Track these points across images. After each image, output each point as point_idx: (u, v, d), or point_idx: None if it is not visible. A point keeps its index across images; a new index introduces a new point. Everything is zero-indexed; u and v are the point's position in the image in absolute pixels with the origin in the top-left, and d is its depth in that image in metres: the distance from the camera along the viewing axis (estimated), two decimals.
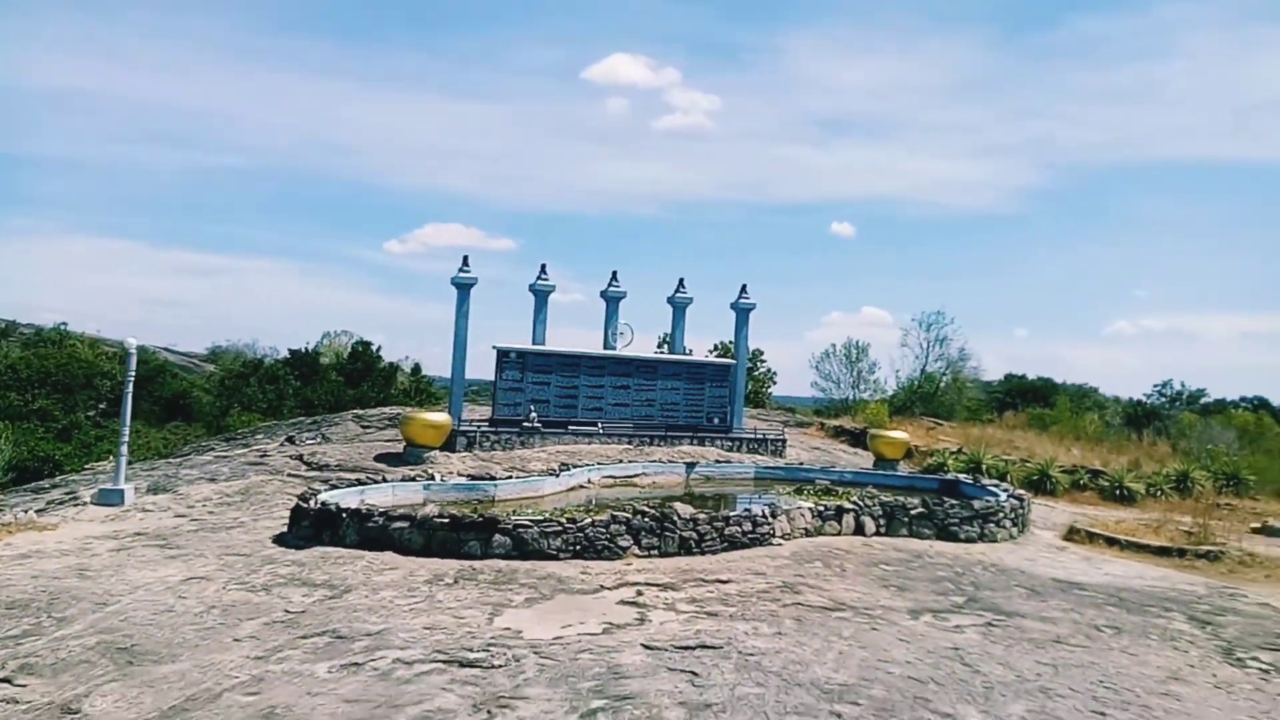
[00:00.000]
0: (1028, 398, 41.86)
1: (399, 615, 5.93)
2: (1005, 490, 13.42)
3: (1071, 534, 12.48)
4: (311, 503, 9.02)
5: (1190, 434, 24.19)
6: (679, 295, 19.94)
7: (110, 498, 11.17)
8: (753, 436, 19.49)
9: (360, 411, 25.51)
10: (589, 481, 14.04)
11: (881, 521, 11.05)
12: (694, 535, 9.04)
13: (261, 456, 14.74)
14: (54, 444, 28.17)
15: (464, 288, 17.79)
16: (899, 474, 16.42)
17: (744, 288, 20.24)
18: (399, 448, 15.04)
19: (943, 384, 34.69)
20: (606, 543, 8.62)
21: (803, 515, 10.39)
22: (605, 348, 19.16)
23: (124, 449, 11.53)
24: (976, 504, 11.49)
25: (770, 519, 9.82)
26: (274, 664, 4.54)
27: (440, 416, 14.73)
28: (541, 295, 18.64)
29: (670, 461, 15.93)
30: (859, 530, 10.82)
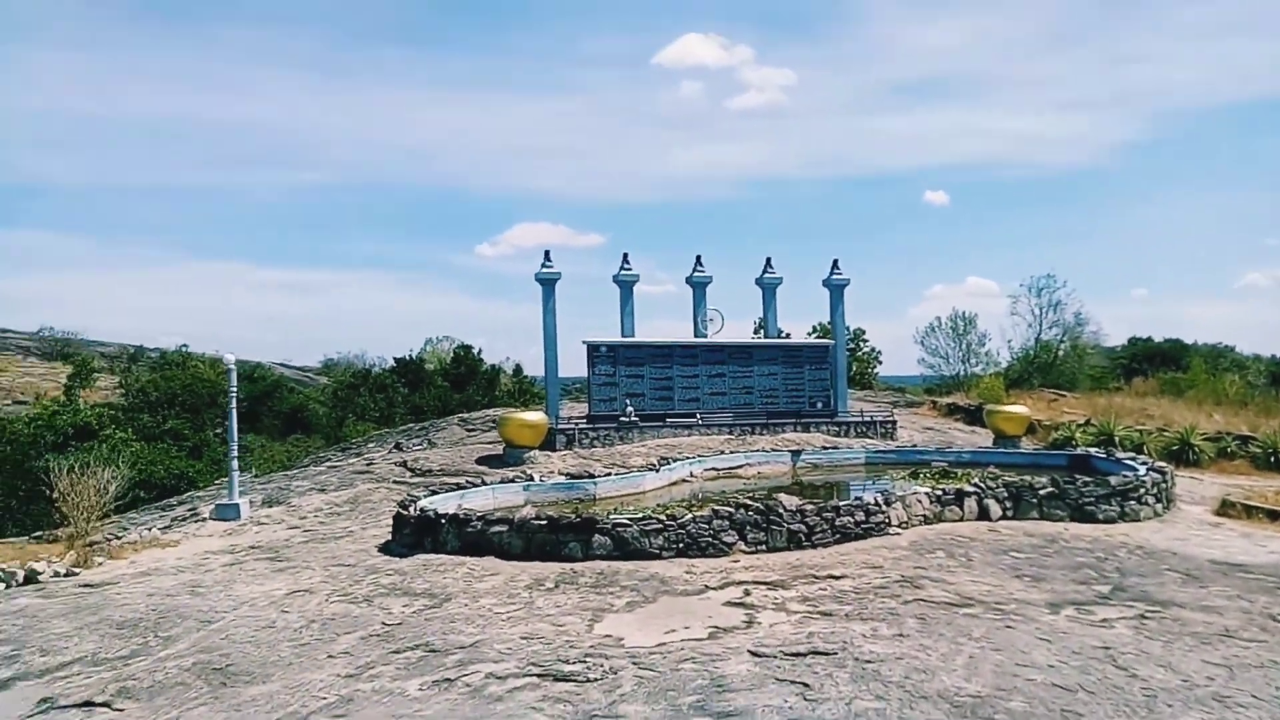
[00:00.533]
0: (1156, 362, 39.15)
1: (496, 625, 5.70)
2: (1144, 463, 12.35)
3: (1225, 508, 11.36)
4: (411, 510, 8.97)
5: None
6: (767, 275, 19.33)
7: (227, 513, 11.49)
8: (860, 419, 18.73)
9: (465, 415, 25.94)
10: (691, 475, 13.67)
11: (1008, 504, 10.28)
12: (802, 528, 8.56)
13: (368, 465, 14.99)
14: (187, 461, 29.69)
15: (548, 283, 17.69)
16: (1022, 451, 15.41)
17: (835, 263, 19.48)
18: (500, 450, 15.04)
19: (1061, 352, 32.76)
20: (710, 539, 8.23)
21: (919, 501, 9.74)
22: (696, 335, 18.75)
23: (234, 464, 11.83)
24: (1113, 480, 10.56)
25: (884, 507, 9.23)
26: (364, 682, 4.37)
27: (536, 416, 14.64)
28: (626, 286, 18.37)
29: (774, 450, 15.39)
30: (983, 515, 10.09)
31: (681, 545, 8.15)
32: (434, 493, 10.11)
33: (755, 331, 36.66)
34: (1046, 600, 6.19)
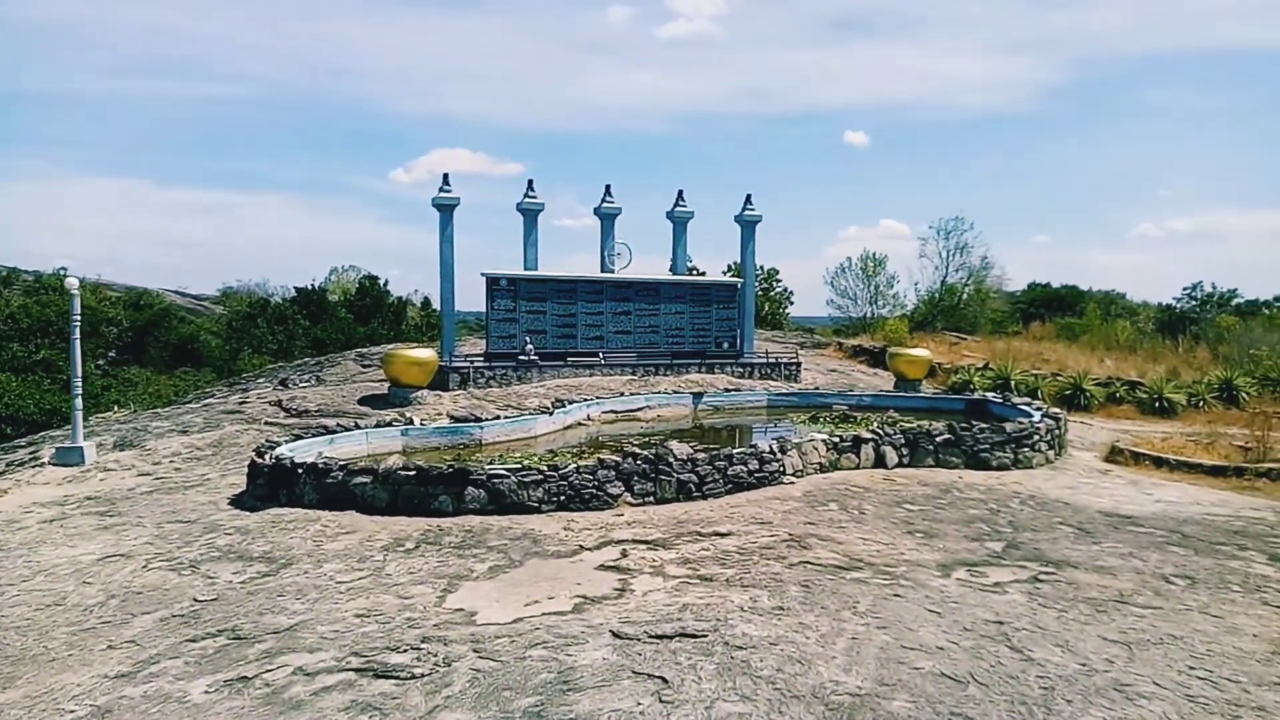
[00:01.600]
0: (1053, 307, 40.34)
1: (331, 598, 4.99)
2: (1038, 409, 12.33)
3: (1114, 455, 11.42)
4: (266, 458, 8.09)
5: (1230, 338, 22.82)
6: (679, 209, 18.62)
7: (69, 457, 10.34)
8: (765, 361, 18.42)
9: (364, 350, 24.70)
10: (588, 418, 13.07)
11: (904, 451, 10.03)
12: (693, 478, 8.06)
13: (241, 404, 13.88)
14: (61, 396, 27.63)
15: (446, 209, 16.60)
16: (922, 395, 15.34)
17: (749, 198, 18.89)
18: (386, 389, 14.11)
19: (965, 296, 33.27)
20: (594, 491, 7.65)
21: (816, 449, 9.36)
22: (603, 271, 17.99)
23: (78, 402, 10.64)
24: (1008, 427, 10.41)
25: (779, 455, 8.81)
26: (137, 684, 3.61)
27: (425, 353, 13.73)
28: (530, 215, 17.42)
29: (676, 392, 14.91)
30: (879, 462, 9.81)
31: (563, 498, 7.54)
32: (297, 437, 9.22)
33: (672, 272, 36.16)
34: (938, 561, 5.83)
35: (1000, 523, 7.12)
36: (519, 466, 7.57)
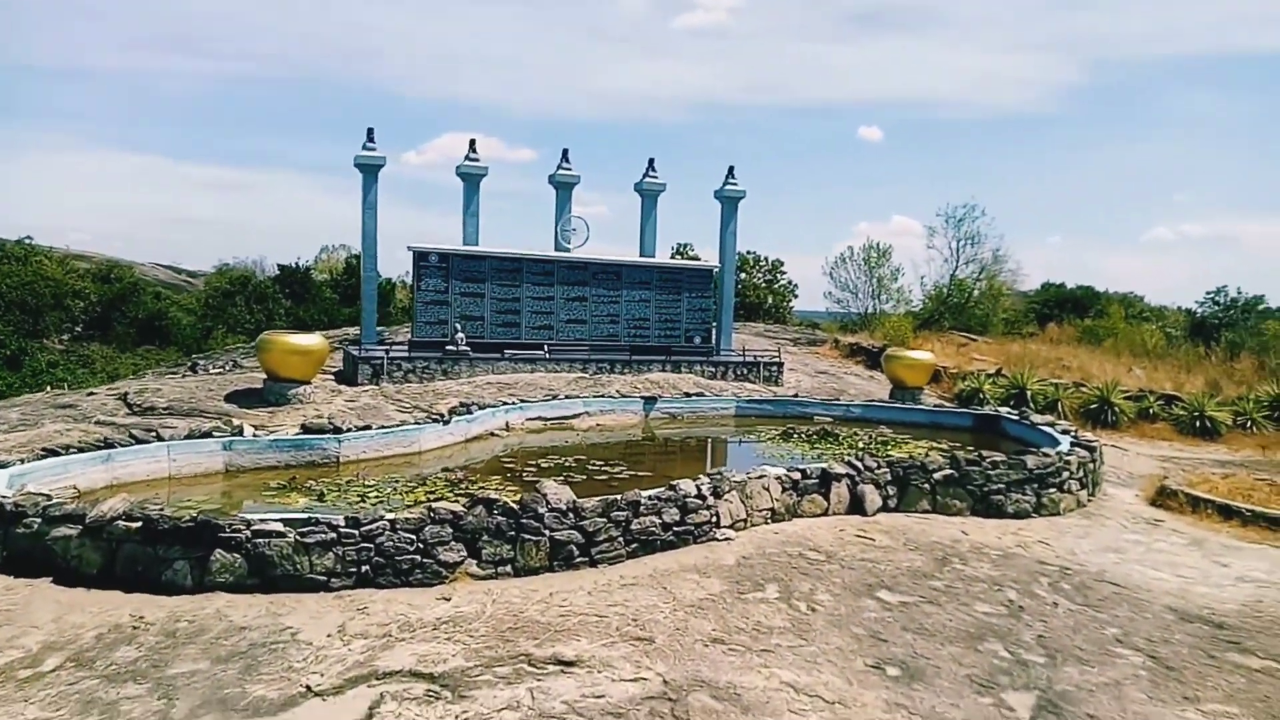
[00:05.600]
0: (1068, 308, 37.60)
1: None
2: (1065, 432, 9.77)
3: (1163, 497, 8.83)
4: None
5: (1276, 347, 20.15)
6: (649, 181, 16.02)
7: None
8: (742, 360, 15.85)
9: (324, 333, 22.31)
10: (505, 428, 10.55)
11: (890, 490, 7.50)
12: (576, 536, 5.54)
13: (88, 395, 11.38)
14: None
15: (369, 169, 14.12)
16: (920, 408, 12.78)
17: (731, 171, 16.27)
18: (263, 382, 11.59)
19: (976, 292, 30.55)
20: (418, 557, 5.14)
21: (766, 490, 6.82)
22: (556, 250, 15.44)
23: None
24: (1030, 461, 7.86)
25: (710, 499, 6.28)
26: None
27: (309, 340, 11.18)
28: (472, 180, 14.88)
29: (624, 396, 12.38)
30: (856, 506, 7.28)
31: (366, 568, 5.03)
32: (48, 454, 6.66)
33: (674, 255, 33.48)
34: None
35: (1025, 637, 4.57)
36: (303, 519, 5.05)
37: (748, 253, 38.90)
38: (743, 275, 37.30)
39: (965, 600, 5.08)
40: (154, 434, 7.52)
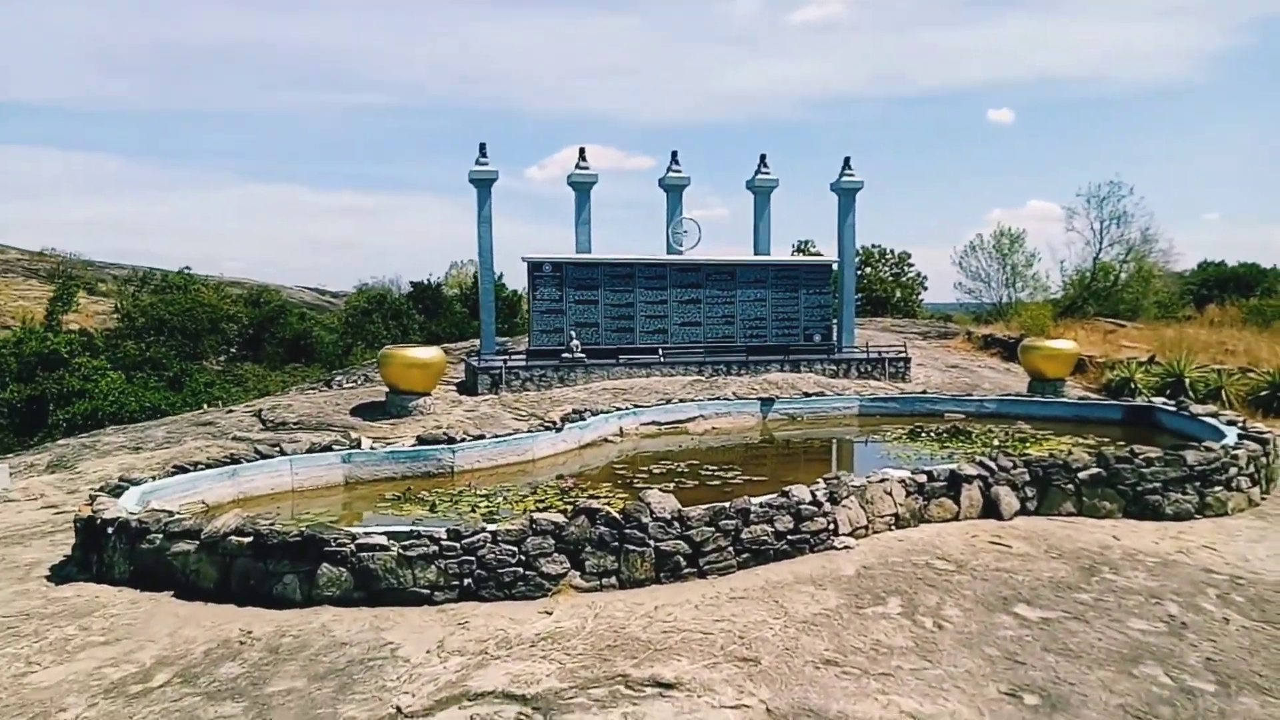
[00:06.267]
0: (1230, 288, 34.47)
1: None
2: (1234, 424, 8.79)
3: None
4: (98, 504, 5.87)
5: None
6: (760, 177, 15.64)
7: None
8: (865, 357, 15.22)
9: (449, 345, 23.06)
10: (619, 433, 10.43)
11: (1029, 491, 6.90)
12: (682, 546, 5.30)
13: (227, 412, 12.01)
14: (162, 394, 27.35)
15: (483, 184, 14.37)
16: (1063, 400, 11.84)
17: (847, 162, 15.67)
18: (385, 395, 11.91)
19: (1123, 275, 28.39)
20: (520, 569, 5.03)
21: (889, 496, 6.37)
22: (668, 252, 15.28)
23: None
24: (1190, 456, 7.07)
25: (828, 507, 5.91)
26: None
27: (426, 353, 11.41)
28: (583, 189, 14.91)
29: (740, 398, 12.05)
30: (990, 509, 6.72)
31: (468, 581, 4.96)
32: (178, 470, 6.97)
33: (794, 253, 32.74)
34: None
35: (1190, 660, 4.01)
36: (406, 531, 5.02)
37: (872, 246, 37.71)
38: (866, 269, 36.16)
39: (1117, 616, 4.53)
40: (278, 449, 7.77)
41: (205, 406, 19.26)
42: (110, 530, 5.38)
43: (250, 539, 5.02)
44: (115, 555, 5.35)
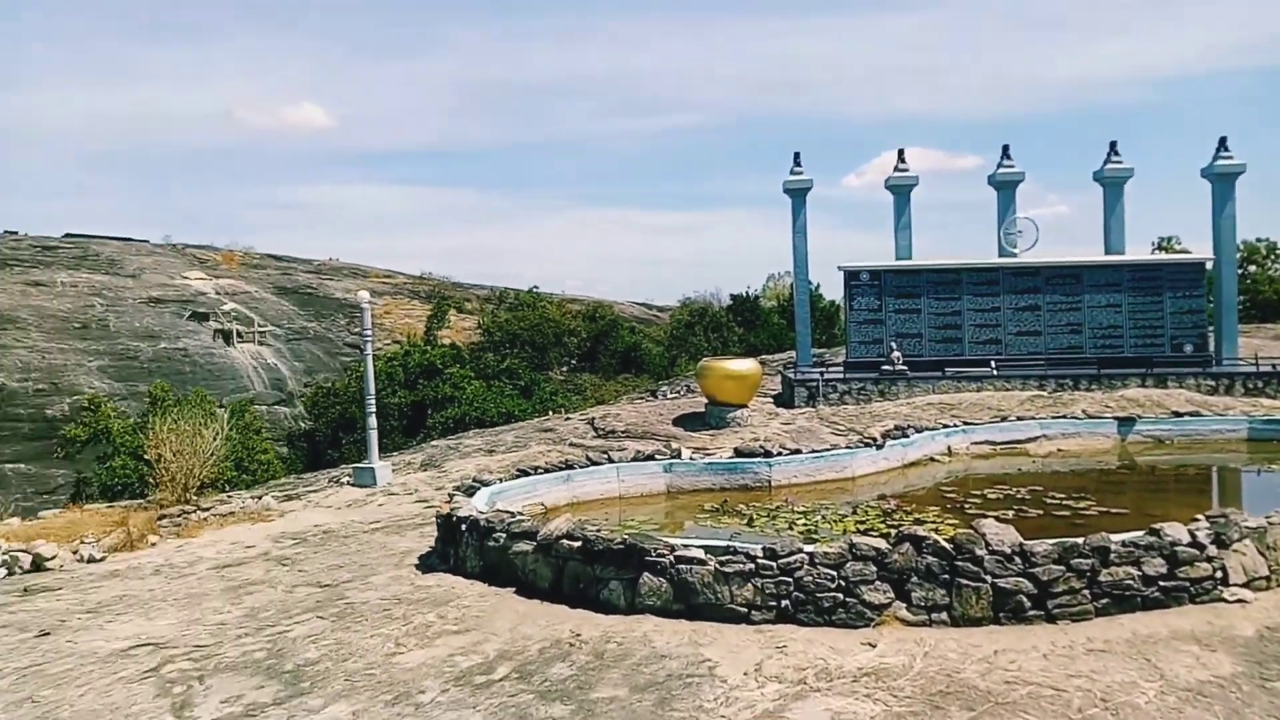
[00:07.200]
0: None
1: None
2: None
3: None
4: (455, 503, 6.57)
5: None
6: (1110, 167, 13.87)
7: (363, 477, 10.11)
8: (1254, 370, 12.84)
9: (766, 357, 23.39)
10: (947, 452, 9.72)
11: None
12: (1026, 585, 4.71)
13: (564, 420, 13.01)
14: (515, 401, 30.72)
15: (798, 193, 14.29)
16: None
17: (1223, 142, 13.42)
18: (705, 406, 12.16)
19: None
20: (839, 595, 4.77)
21: None
22: (1000, 255, 14.05)
23: (371, 420, 10.35)
24: None
25: (1212, 549, 4.94)
26: None
27: (742, 365, 11.48)
28: (902, 192, 14.23)
29: (1092, 417, 10.68)
30: None
31: (785, 604, 4.80)
32: (521, 474, 7.59)
33: (1155, 251, 28.83)
34: None
35: None
36: (723, 548, 4.99)
37: (1257, 240, 31.98)
38: (1251, 268, 30.73)
39: None
40: (607, 456, 8.21)
41: (549, 414, 21.18)
42: (464, 528, 5.96)
43: (579, 543, 5.28)
44: (467, 550, 5.92)
